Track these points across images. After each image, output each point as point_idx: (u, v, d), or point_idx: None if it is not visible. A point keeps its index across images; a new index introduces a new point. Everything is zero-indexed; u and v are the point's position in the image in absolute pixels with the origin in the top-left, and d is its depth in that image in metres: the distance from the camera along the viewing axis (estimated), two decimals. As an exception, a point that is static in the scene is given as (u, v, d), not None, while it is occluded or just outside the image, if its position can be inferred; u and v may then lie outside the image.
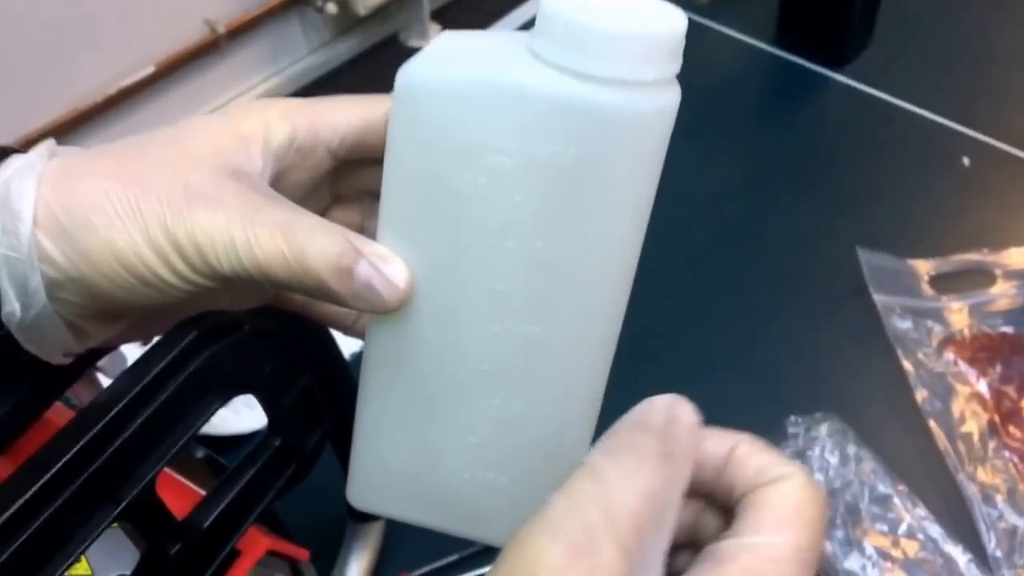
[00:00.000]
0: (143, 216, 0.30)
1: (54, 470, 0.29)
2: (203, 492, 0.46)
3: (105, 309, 0.32)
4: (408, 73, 0.29)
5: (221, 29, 1.69)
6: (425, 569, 0.64)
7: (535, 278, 0.30)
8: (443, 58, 0.29)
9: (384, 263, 0.30)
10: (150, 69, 1.60)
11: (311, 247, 0.30)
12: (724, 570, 0.24)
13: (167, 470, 0.47)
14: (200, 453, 0.48)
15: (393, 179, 0.30)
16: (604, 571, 0.22)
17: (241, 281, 0.31)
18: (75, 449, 0.29)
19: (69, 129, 1.44)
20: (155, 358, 0.32)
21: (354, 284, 0.30)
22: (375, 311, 0.31)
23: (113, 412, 0.30)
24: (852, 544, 0.63)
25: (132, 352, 0.39)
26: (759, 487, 0.26)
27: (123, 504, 0.31)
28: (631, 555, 0.23)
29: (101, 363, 0.47)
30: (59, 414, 0.43)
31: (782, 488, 0.26)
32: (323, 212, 0.38)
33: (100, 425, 0.30)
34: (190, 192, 0.30)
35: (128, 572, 0.36)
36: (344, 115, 0.34)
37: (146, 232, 0.30)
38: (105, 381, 0.50)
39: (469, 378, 0.32)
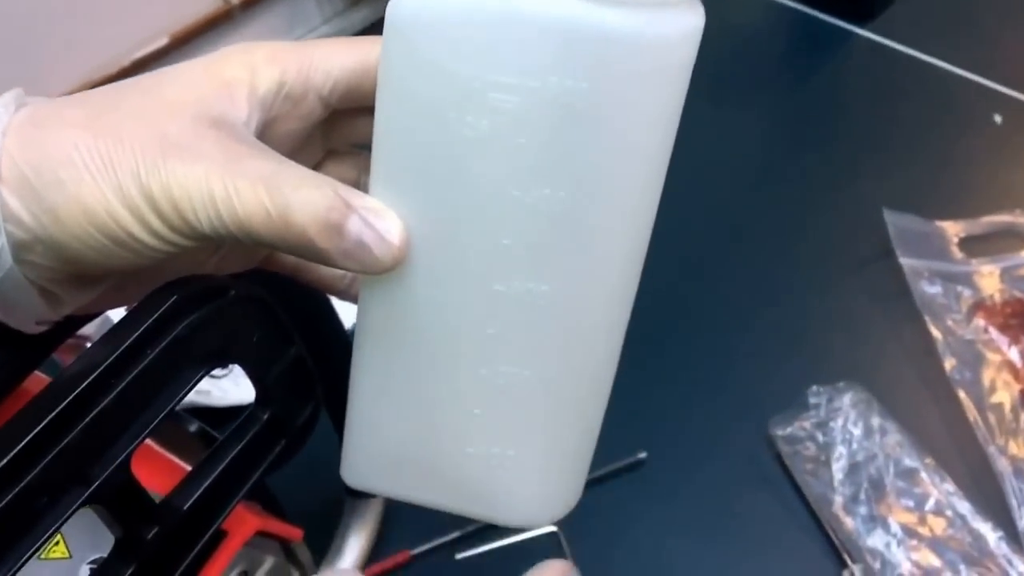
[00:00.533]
0: (115, 169, 0.27)
1: (17, 449, 0.26)
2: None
3: (78, 273, 0.29)
4: (398, 3, 0.26)
5: (235, 0, 1.66)
6: (427, 546, 0.62)
7: (543, 230, 0.27)
8: None
9: (377, 218, 0.28)
10: (164, 40, 1.57)
11: (296, 201, 0.27)
12: None
13: (154, 445, 0.44)
14: (193, 427, 0.46)
15: (385, 124, 0.28)
16: None
17: (222, 240, 0.28)
18: (40, 426, 0.27)
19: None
20: (130, 325, 0.29)
21: (344, 241, 0.27)
22: (368, 271, 0.28)
23: (83, 385, 0.28)
24: (876, 520, 0.60)
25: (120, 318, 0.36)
26: None
27: (94, 485, 0.28)
28: None
29: (88, 330, 0.45)
30: (40, 386, 0.40)
31: None
32: (315, 167, 0.36)
33: (68, 399, 0.27)
34: (167, 143, 0.27)
35: (106, 554, 0.34)
36: (337, 59, 0.31)
37: (118, 187, 0.27)
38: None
39: (472, 343, 0.29)
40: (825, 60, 1.04)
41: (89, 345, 0.41)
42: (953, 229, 0.80)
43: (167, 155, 0.27)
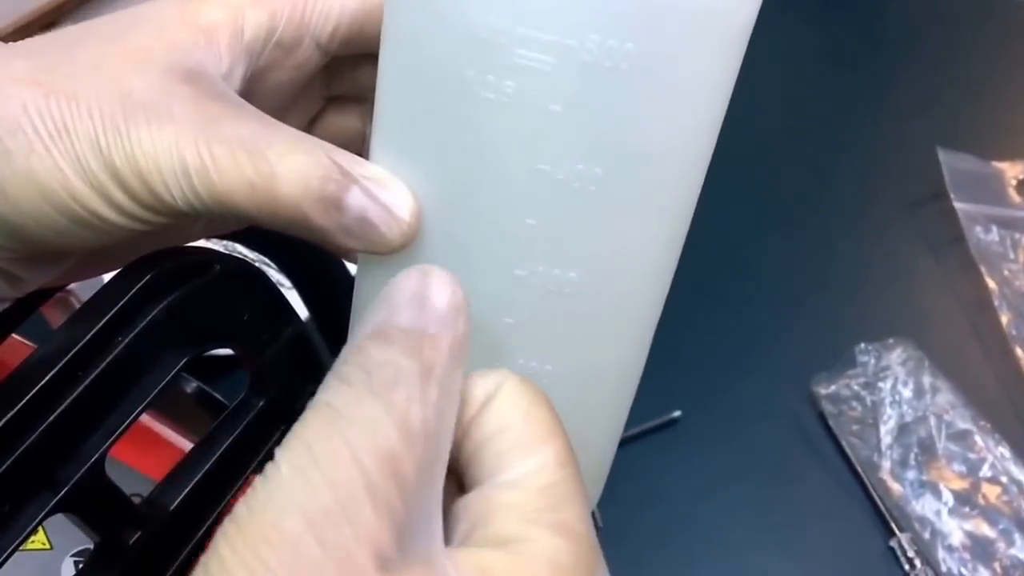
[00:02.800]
0: (71, 136, 0.23)
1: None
2: (190, 442, 0.40)
3: (38, 253, 0.25)
4: None
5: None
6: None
7: (573, 211, 0.23)
8: None
9: (381, 189, 0.24)
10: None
11: (284, 170, 0.23)
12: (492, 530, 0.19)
13: (145, 418, 0.41)
14: (191, 387, 0.42)
15: (390, 80, 0.24)
16: (365, 541, 0.17)
17: (199, 215, 0.24)
18: None
19: (78, 5, 1.32)
20: (99, 308, 0.25)
21: (344, 217, 0.24)
22: (372, 251, 0.24)
23: (46, 379, 0.24)
24: (926, 486, 0.56)
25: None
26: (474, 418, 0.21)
27: (63, 491, 0.25)
28: (397, 512, 0.18)
29: (74, 285, 0.42)
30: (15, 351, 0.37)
31: (497, 407, 0.21)
32: (315, 117, 0.31)
33: (30, 395, 0.24)
34: (130, 102, 0.23)
35: (91, 545, 0.31)
36: None
37: (75, 157, 0.23)
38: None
39: (488, 335, 0.25)
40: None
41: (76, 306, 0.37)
42: (1012, 170, 0.75)
43: (130, 117, 0.23)
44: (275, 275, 0.53)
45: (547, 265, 0.24)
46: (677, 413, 0.60)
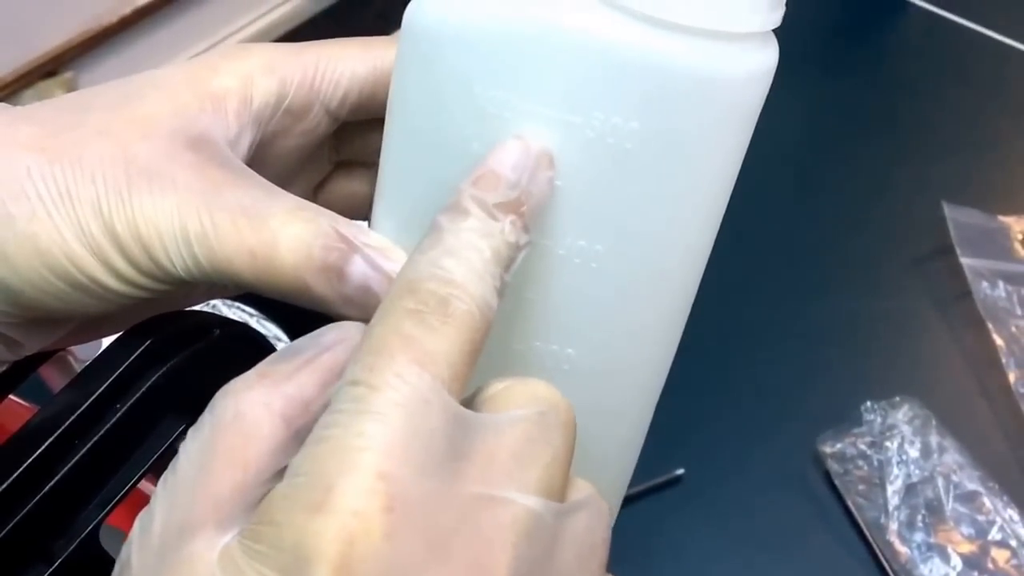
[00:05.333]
0: (73, 201, 0.23)
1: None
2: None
3: (37, 318, 0.25)
4: (419, 8, 0.22)
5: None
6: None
7: (573, 287, 0.24)
8: None
9: (384, 259, 0.24)
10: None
11: (286, 238, 0.23)
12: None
13: (144, 484, 0.40)
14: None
15: (395, 149, 0.24)
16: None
17: (199, 283, 0.24)
18: (-8, 495, 0.23)
19: (79, 54, 1.34)
20: (97, 376, 0.25)
21: (345, 287, 0.24)
22: None
23: (42, 448, 0.24)
24: (934, 549, 0.55)
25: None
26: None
27: (57, 563, 0.24)
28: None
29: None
30: (13, 415, 0.37)
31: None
32: (323, 181, 0.31)
33: (25, 465, 0.24)
34: (134, 168, 0.23)
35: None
36: (347, 64, 0.27)
37: (77, 223, 0.23)
38: (78, 365, 0.43)
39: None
40: (879, 34, 0.98)
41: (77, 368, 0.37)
42: (1017, 226, 0.75)
43: (133, 183, 0.23)
44: (274, 331, 0.53)
45: (544, 341, 0.24)
46: (680, 471, 0.59)
